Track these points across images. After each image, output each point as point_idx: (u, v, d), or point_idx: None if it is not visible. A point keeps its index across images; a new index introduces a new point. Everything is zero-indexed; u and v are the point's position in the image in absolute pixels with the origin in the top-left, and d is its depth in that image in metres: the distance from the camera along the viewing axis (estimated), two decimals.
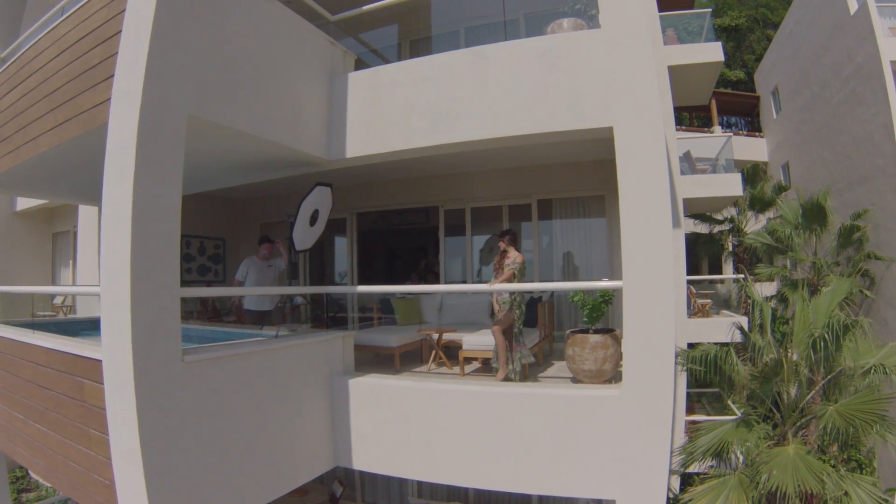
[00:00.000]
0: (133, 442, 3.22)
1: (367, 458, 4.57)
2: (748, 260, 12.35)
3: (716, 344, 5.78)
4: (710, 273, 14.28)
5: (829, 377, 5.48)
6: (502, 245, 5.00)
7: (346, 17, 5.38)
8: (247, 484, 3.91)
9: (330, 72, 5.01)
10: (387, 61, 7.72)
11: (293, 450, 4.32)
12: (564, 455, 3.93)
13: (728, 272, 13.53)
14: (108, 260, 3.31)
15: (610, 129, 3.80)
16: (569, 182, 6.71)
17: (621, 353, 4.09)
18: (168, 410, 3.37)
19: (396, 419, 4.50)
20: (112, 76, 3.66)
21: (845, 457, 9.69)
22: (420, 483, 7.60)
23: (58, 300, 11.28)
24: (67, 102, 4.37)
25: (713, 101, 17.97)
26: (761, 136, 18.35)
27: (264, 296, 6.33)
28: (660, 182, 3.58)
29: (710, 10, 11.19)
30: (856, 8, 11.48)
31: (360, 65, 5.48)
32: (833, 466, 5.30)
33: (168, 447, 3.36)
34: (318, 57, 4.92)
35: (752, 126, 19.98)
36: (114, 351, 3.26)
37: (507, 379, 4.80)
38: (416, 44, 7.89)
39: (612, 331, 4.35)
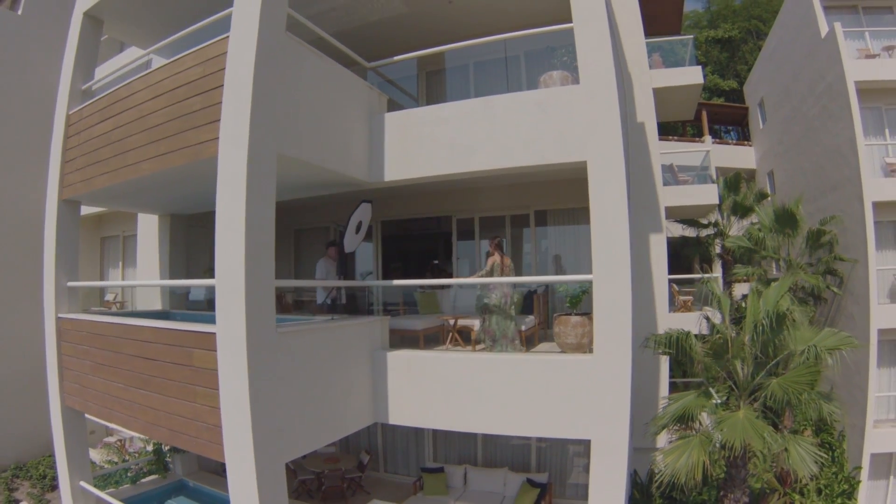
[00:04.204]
0: (243, 392, 4.42)
1: (400, 413, 5.84)
2: (731, 261, 13.49)
3: (687, 331, 6.99)
4: (700, 273, 15.39)
5: (777, 358, 6.66)
6: (491, 248, 6.32)
7: (379, 64, 6.65)
8: (317, 426, 5.18)
9: (369, 111, 6.24)
10: (403, 91, 8.99)
11: (347, 405, 5.59)
12: (552, 406, 5.17)
13: (717, 272, 14.64)
14: (223, 259, 4.56)
15: (585, 162, 5.05)
16: (561, 195, 7.93)
17: None
18: (266, 369, 4.59)
19: (423, 383, 5.75)
20: (216, 121, 4.82)
21: (819, 440, 10.85)
22: (435, 451, 8.88)
23: (109, 297, 12.62)
24: (170, 137, 5.48)
25: (704, 113, 19.07)
26: (750, 145, 19.45)
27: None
28: (620, 202, 4.82)
29: (692, 37, 12.39)
30: (826, 31, 12.65)
31: (391, 105, 6.74)
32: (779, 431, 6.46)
33: (266, 396, 4.56)
34: (360, 100, 6.15)
35: (745, 135, 21.05)
36: (228, 325, 4.51)
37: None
38: (432, 75, 9.15)
39: (589, 314, 5.60)
